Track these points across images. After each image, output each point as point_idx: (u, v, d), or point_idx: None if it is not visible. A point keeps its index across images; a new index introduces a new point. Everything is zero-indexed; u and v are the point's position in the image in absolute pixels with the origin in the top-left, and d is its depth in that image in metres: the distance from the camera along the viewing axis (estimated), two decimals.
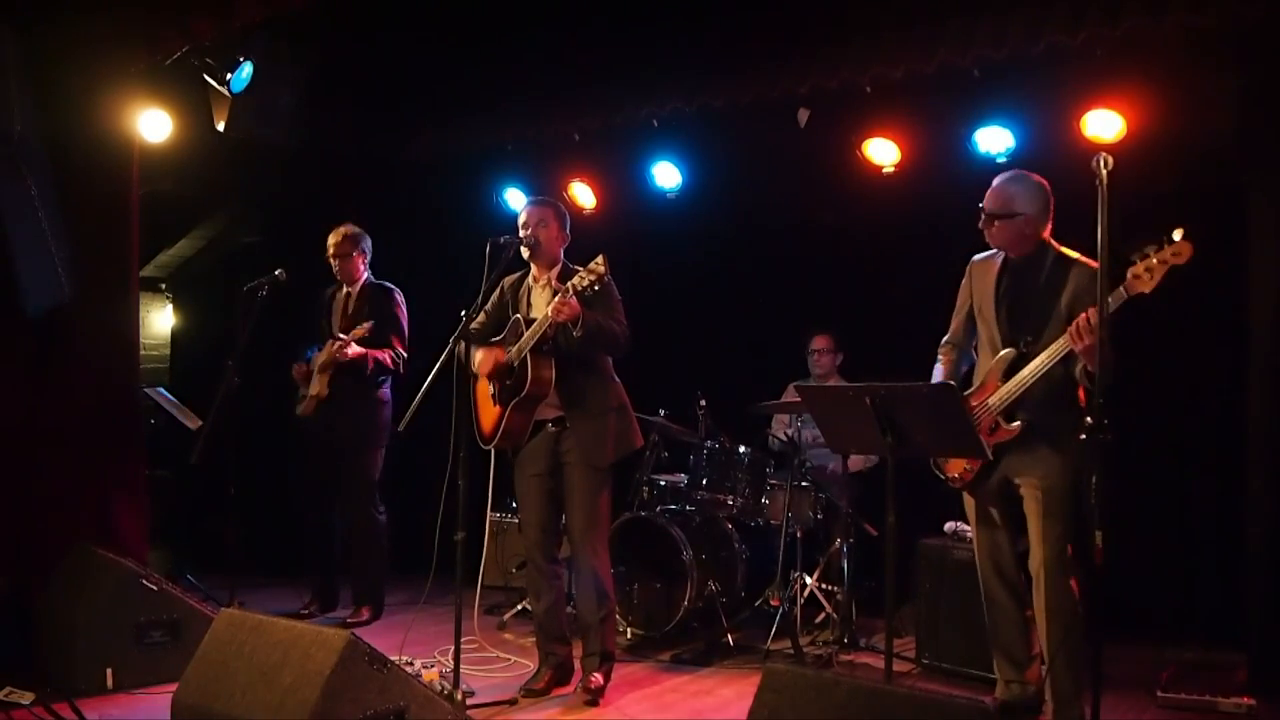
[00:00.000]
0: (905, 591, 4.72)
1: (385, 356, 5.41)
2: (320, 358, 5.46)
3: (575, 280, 3.97)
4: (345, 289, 5.60)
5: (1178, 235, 3.32)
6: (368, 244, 5.57)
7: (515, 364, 4.18)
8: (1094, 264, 3.58)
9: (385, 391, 5.54)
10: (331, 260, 5.52)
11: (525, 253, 4.27)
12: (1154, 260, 3.31)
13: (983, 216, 3.81)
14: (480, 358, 4.30)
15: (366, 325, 5.33)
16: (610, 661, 4.29)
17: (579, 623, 4.35)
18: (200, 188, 6.80)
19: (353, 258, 5.50)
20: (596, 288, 3.97)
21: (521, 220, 4.33)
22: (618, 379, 4.38)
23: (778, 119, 5.50)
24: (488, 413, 4.33)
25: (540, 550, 4.35)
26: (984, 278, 3.91)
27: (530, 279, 4.38)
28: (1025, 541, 3.81)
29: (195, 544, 6.16)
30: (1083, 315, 3.42)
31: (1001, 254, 3.88)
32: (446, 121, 6.71)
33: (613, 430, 4.28)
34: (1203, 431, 5.18)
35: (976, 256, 3.98)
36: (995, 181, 3.84)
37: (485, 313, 4.40)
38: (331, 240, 5.52)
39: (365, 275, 5.59)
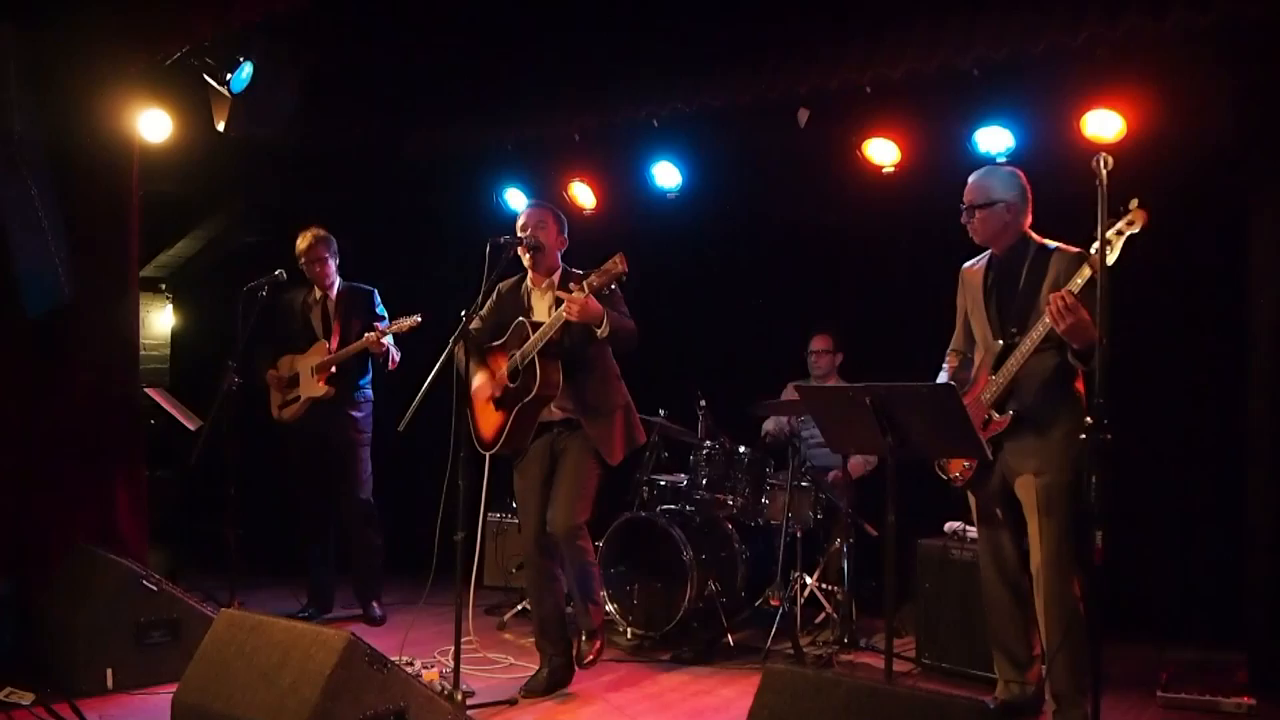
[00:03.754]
0: (905, 591, 4.73)
1: (395, 354, 5.40)
2: (312, 360, 5.43)
3: (592, 279, 3.94)
4: (318, 292, 5.55)
5: (1133, 204, 3.39)
6: (335, 246, 5.53)
7: (521, 367, 4.17)
8: (1073, 249, 3.65)
9: (369, 390, 5.55)
10: (304, 267, 5.47)
11: (526, 256, 4.27)
12: (1110, 233, 3.34)
13: (964, 211, 3.87)
14: (481, 380, 4.33)
15: (415, 319, 5.18)
16: (601, 629, 4.40)
17: (572, 599, 4.39)
18: (200, 188, 6.81)
19: (326, 261, 5.48)
20: (613, 287, 3.97)
21: (521, 223, 4.33)
22: (621, 378, 4.40)
23: (778, 119, 5.50)
24: (488, 418, 4.32)
25: (540, 551, 4.36)
26: (973, 281, 3.98)
27: (528, 283, 4.38)
28: (1029, 541, 3.81)
29: (195, 544, 6.16)
30: (1056, 296, 3.45)
31: (986, 256, 3.95)
32: (446, 121, 6.71)
33: (621, 428, 4.32)
34: (1203, 431, 5.18)
35: (965, 265, 4.04)
36: (971, 177, 3.92)
37: (480, 318, 4.39)
38: (301, 246, 5.47)
39: (336, 278, 5.55)
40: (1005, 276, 3.84)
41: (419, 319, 5.16)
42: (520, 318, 4.27)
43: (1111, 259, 3.34)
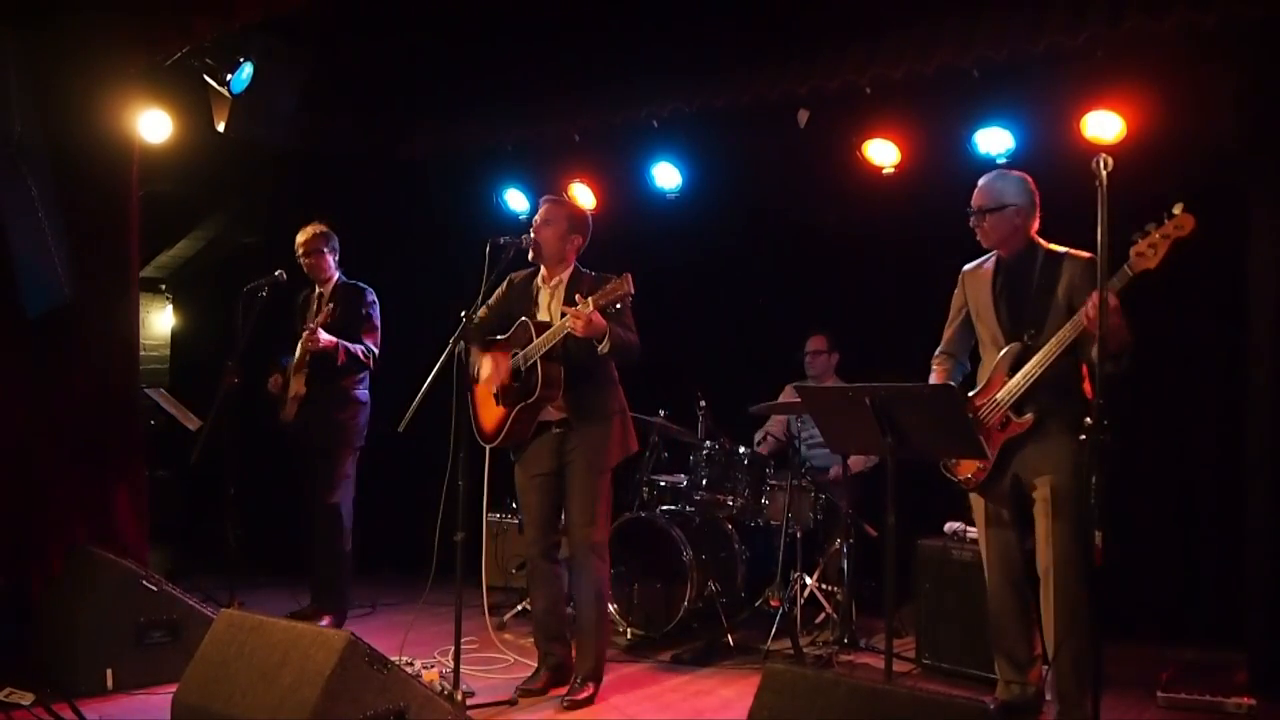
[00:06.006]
0: (905, 591, 4.72)
1: (358, 350, 5.30)
2: (295, 358, 5.36)
3: (597, 297, 3.93)
4: (317, 289, 5.50)
5: (1178, 209, 3.36)
6: (336, 243, 5.48)
7: (523, 368, 4.17)
8: (1084, 255, 3.64)
9: (362, 393, 5.41)
10: (301, 260, 5.43)
11: (530, 254, 4.26)
12: (1157, 236, 3.34)
13: (973, 215, 3.86)
14: (486, 371, 4.28)
15: (329, 308, 5.25)
16: (600, 669, 4.30)
17: (577, 624, 4.35)
18: (200, 188, 6.81)
19: (323, 254, 5.41)
20: (619, 306, 3.97)
21: (536, 219, 4.33)
22: (619, 384, 4.39)
23: (778, 119, 5.50)
24: (489, 412, 4.32)
25: (540, 549, 4.36)
26: (978, 283, 3.96)
27: (540, 279, 4.37)
28: (1032, 541, 3.81)
29: (195, 544, 6.16)
30: (1091, 301, 3.43)
31: (991, 259, 3.94)
32: (446, 121, 6.71)
33: (616, 434, 4.31)
34: (1203, 431, 5.18)
35: (967, 266, 4.04)
36: (981, 180, 3.91)
37: (488, 307, 4.35)
38: (300, 239, 5.43)
39: (336, 274, 5.48)
40: (1015, 280, 3.83)
41: (331, 310, 5.21)
42: (524, 317, 4.25)
43: (1154, 263, 3.33)
